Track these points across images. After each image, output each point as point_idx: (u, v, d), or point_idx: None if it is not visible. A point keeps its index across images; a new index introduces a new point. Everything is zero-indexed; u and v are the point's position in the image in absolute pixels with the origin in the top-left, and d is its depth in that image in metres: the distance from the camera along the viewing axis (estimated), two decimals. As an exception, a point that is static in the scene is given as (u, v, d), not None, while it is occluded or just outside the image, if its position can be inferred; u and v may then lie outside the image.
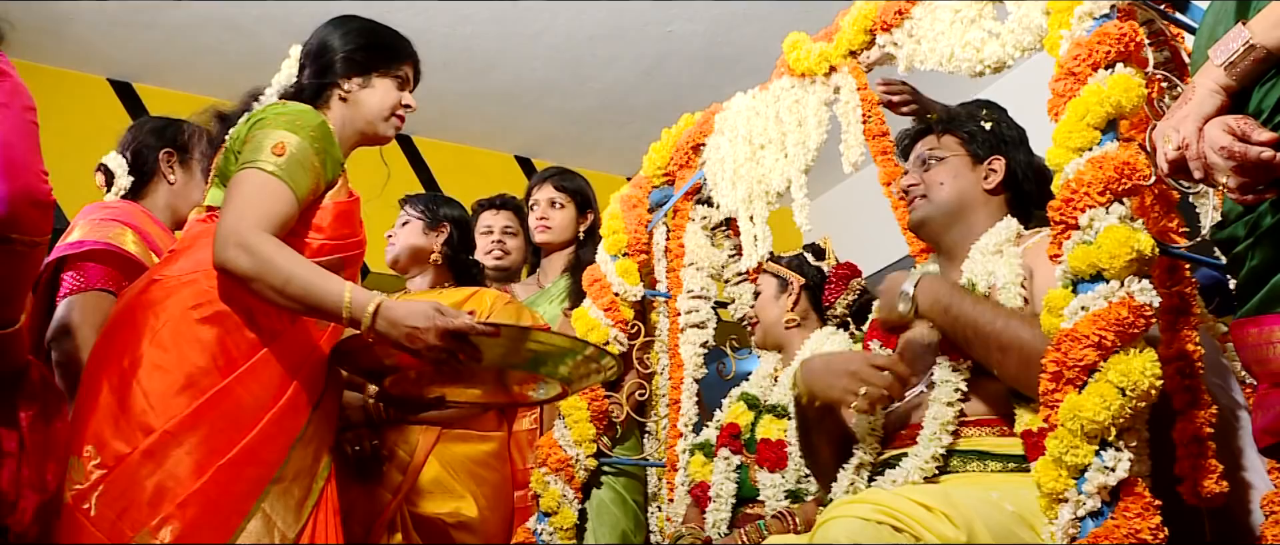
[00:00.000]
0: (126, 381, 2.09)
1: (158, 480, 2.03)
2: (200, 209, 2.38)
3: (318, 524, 2.19)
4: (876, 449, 2.23)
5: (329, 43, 2.44)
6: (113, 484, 2.03)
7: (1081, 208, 1.85)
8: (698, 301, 3.26)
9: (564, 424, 2.99)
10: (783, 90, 2.85)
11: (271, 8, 4.78)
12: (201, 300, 2.15)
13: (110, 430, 2.06)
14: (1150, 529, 1.66)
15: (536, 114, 5.76)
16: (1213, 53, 1.63)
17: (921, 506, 1.80)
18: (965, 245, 2.32)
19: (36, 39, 4.95)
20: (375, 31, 2.49)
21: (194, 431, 2.06)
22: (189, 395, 2.08)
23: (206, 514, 2.03)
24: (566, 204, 3.48)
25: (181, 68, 5.25)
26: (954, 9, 2.37)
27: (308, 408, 2.22)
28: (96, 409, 2.09)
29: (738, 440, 2.87)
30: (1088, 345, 1.74)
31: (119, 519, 2.01)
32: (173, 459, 2.04)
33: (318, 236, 2.29)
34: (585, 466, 2.98)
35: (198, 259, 2.21)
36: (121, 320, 2.19)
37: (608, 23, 5.07)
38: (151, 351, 2.11)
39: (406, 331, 2.10)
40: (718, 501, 2.82)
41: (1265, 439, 1.67)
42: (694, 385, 3.19)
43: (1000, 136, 2.39)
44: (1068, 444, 1.73)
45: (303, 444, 2.19)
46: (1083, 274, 1.81)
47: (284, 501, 2.13)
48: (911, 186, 2.41)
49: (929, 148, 2.42)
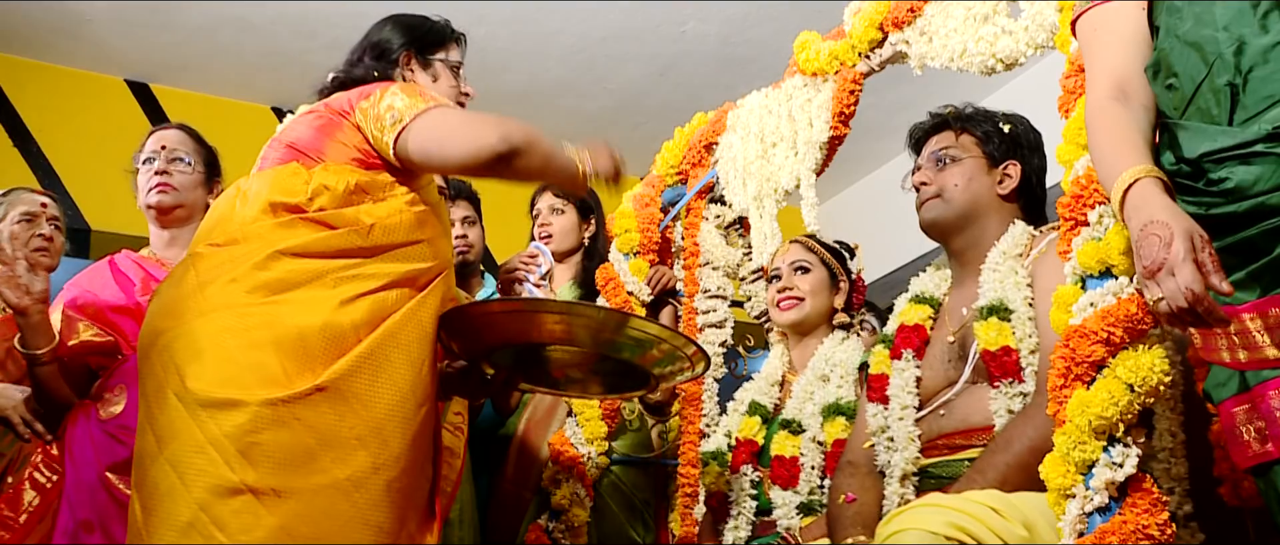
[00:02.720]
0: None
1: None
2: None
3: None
4: (916, 459, 2.24)
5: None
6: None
7: (1091, 204, 1.85)
8: (715, 301, 3.25)
9: (576, 422, 2.99)
10: (795, 89, 2.85)
11: (287, 9, 4.81)
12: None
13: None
14: (1158, 525, 1.65)
15: (551, 114, 5.77)
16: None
17: (991, 509, 1.81)
18: (975, 249, 2.33)
19: (53, 40, 4.98)
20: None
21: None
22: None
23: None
24: (567, 209, 3.47)
25: (198, 68, 5.27)
26: (967, 7, 2.36)
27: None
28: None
29: (757, 459, 2.86)
30: (1096, 341, 1.74)
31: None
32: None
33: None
34: (597, 464, 2.98)
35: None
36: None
37: (622, 23, 5.07)
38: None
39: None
40: (738, 520, 2.83)
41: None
42: (714, 385, 3.19)
43: (1017, 140, 2.38)
44: (1076, 439, 1.73)
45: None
46: (1092, 270, 1.81)
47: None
48: (923, 185, 2.40)
49: (944, 146, 2.41)
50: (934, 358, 2.33)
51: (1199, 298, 1.47)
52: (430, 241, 2.17)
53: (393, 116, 2.12)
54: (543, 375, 2.44)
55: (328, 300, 1.98)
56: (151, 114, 5.33)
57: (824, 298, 2.97)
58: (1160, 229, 1.51)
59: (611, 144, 2.36)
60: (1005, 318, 2.15)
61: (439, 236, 2.21)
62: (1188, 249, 1.49)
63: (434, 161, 2.14)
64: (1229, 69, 1.61)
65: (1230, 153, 1.58)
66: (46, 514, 2.63)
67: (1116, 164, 1.65)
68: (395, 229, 2.10)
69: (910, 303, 2.45)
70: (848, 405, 2.71)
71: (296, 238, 2.03)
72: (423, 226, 2.15)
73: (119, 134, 5.21)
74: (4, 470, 2.80)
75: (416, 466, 2.03)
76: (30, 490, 2.68)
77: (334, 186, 2.08)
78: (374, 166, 2.15)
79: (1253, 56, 1.59)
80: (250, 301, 1.97)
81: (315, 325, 1.95)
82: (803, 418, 2.79)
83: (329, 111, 2.21)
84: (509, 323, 2.21)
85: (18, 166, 4.94)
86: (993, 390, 2.14)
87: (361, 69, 2.37)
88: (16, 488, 2.70)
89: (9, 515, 2.65)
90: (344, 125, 2.17)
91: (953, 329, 2.31)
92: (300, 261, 2.01)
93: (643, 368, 2.27)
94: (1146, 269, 1.52)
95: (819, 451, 2.74)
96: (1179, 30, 1.69)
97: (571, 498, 2.92)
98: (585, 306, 2.23)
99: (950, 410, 2.23)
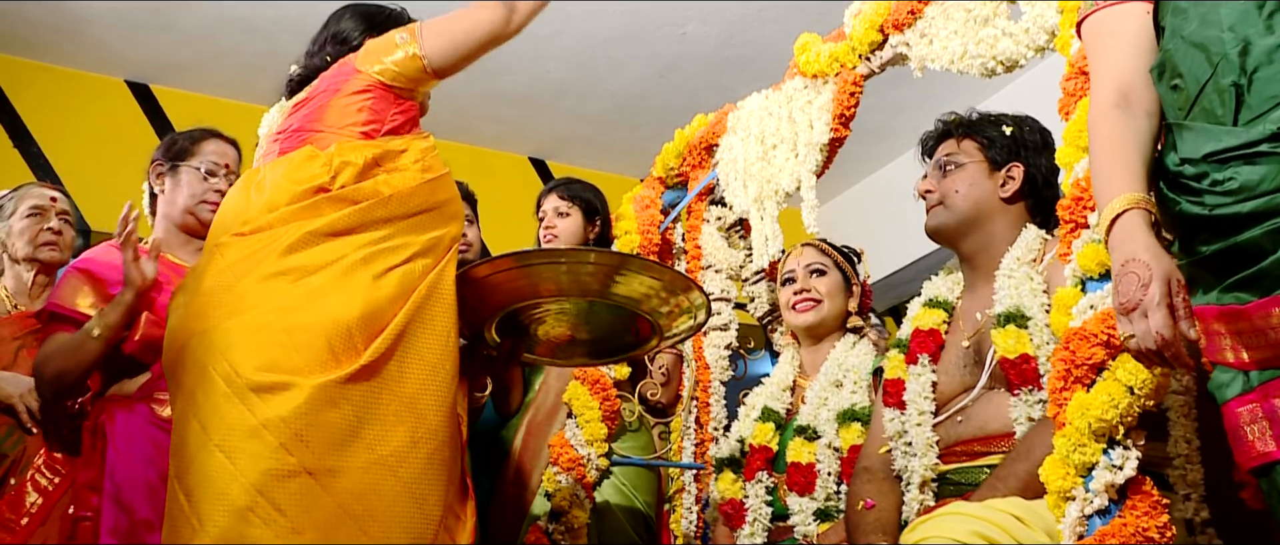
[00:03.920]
0: None
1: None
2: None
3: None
4: (935, 465, 2.24)
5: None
6: None
7: (1090, 206, 1.85)
8: (719, 303, 3.26)
9: (576, 424, 2.99)
10: (795, 90, 2.85)
11: (288, 9, 4.80)
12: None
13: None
14: (1157, 527, 1.66)
15: (551, 116, 5.77)
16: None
17: (1014, 518, 1.81)
18: (985, 253, 2.33)
19: (54, 41, 4.98)
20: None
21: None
22: None
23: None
24: (572, 212, 3.47)
25: (198, 69, 5.27)
26: (967, 9, 2.36)
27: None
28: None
29: (771, 465, 2.86)
30: (1096, 344, 1.74)
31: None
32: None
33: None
34: (597, 466, 2.98)
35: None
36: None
37: (622, 25, 5.07)
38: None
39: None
40: (754, 526, 2.82)
41: None
42: (722, 388, 3.18)
43: (1021, 142, 2.38)
44: (1075, 442, 1.73)
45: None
46: (1091, 273, 1.81)
47: None
48: (927, 193, 2.41)
49: (948, 153, 2.43)
50: (949, 363, 2.33)
51: (1169, 342, 1.53)
52: (445, 206, 2.21)
53: (401, 38, 2.23)
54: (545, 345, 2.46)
55: (362, 278, 2.03)
56: (151, 114, 5.33)
57: (840, 300, 2.97)
58: (1140, 268, 1.56)
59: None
60: (1022, 325, 2.15)
61: (452, 200, 2.25)
62: (1164, 293, 1.54)
63: (463, 51, 2.24)
64: (1234, 69, 1.61)
65: (1235, 153, 1.58)
66: (48, 517, 2.62)
67: (1109, 186, 1.67)
68: (410, 196, 2.15)
69: (924, 307, 2.44)
70: (863, 411, 2.71)
71: (324, 217, 2.07)
72: (436, 191, 2.20)
73: (119, 135, 5.22)
74: (6, 472, 2.79)
75: (452, 437, 2.06)
76: (33, 492, 2.67)
77: (354, 161, 2.13)
78: (388, 132, 2.21)
79: (1258, 57, 1.59)
80: (285, 286, 2.00)
81: (356, 304, 1.99)
82: (818, 424, 2.79)
83: (324, 89, 2.25)
84: (510, 281, 2.22)
85: (18, 166, 4.94)
86: (1012, 398, 2.13)
87: (322, 57, 2.39)
88: (19, 489, 2.70)
89: (10, 517, 2.65)
90: (349, 90, 2.22)
91: (967, 334, 2.31)
92: (331, 241, 2.06)
93: (646, 320, 2.29)
94: (1122, 305, 1.57)
95: (835, 458, 2.73)
96: (1184, 31, 1.69)
97: (571, 499, 2.92)
98: (582, 250, 2.24)
99: (968, 417, 2.23)
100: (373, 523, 1.89)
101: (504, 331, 2.37)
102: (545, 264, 2.23)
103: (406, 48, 2.21)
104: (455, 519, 2.04)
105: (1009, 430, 2.13)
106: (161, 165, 2.76)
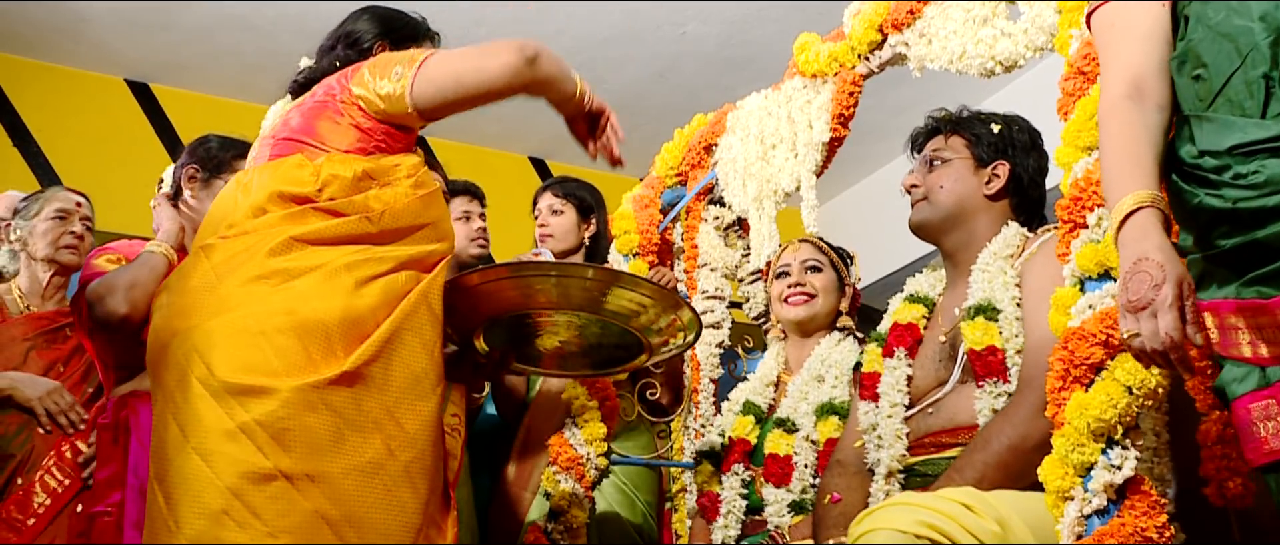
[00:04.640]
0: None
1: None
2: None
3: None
4: (902, 456, 2.25)
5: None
6: None
7: (1089, 206, 1.85)
8: (713, 302, 3.26)
9: (575, 423, 2.99)
10: (795, 90, 2.85)
11: (288, 9, 4.81)
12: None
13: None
14: (1156, 527, 1.66)
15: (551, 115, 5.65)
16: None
17: (962, 506, 1.81)
18: (967, 250, 2.34)
19: (53, 40, 4.98)
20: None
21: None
22: None
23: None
24: (566, 209, 3.47)
25: (198, 69, 5.27)
26: (966, 8, 2.37)
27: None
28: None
29: (749, 459, 2.87)
30: (1095, 344, 1.75)
31: None
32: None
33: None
34: (597, 465, 2.98)
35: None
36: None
37: (622, 25, 5.07)
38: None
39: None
40: (727, 518, 2.83)
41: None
42: (711, 386, 3.19)
43: (1008, 140, 2.39)
44: (1074, 442, 1.73)
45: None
46: (1090, 273, 1.82)
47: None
48: (913, 187, 2.42)
49: (935, 148, 2.44)
50: (926, 357, 2.34)
51: (1176, 345, 1.51)
52: (436, 224, 2.19)
53: (398, 71, 2.15)
54: (536, 355, 2.46)
55: (344, 284, 2.01)
56: (151, 114, 5.32)
57: (833, 298, 2.99)
58: (1153, 268, 1.54)
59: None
60: (992, 318, 2.15)
61: (443, 218, 2.24)
62: (1176, 296, 1.52)
63: (450, 97, 2.16)
64: (1265, 61, 1.58)
65: (1263, 146, 1.55)
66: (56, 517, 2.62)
67: (1120, 181, 1.65)
68: (402, 213, 2.12)
69: (904, 302, 2.46)
70: (842, 405, 2.72)
71: (309, 225, 2.06)
72: (428, 209, 2.18)
73: (119, 134, 5.22)
74: (14, 472, 2.79)
75: (433, 448, 2.05)
76: (41, 493, 2.67)
77: (343, 174, 2.10)
78: (377, 149, 2.17)
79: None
80: (267, 290, 1.99)
81: (335, 311, 1.97)
82: (797, 417, 2.80)
83: (319, 98, 2.22)
84: (501, 291, 2.23)
85: (18, 166, 4.94)
86: (978, 390, 2.14)
87: (332, 59, 2.38)
88: (27, 490, 2.70)
89: (17, 517, 2.65)
90: (340, 107, 2.19)
91: (945, 329, 2.32)
92: (314, 248, 2.04)
93: (636, 336, 2.30)
94: (1131, 304, 1.55)
95: (812, 450, 2.74)
96: (1211, 20, 1.66)
97: (571, 498, 2.92)
98: (575, 266, 2.25)
99: (939, 409, 2.24)
100: (349, 529, 1.87)
101: (498, 340, 2.36)
102: (536, 276, 2.23)
103: (398, 84, 2.14)
104: (436, 529, 2.03)
105: (975, 422, 2.13)
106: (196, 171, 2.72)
